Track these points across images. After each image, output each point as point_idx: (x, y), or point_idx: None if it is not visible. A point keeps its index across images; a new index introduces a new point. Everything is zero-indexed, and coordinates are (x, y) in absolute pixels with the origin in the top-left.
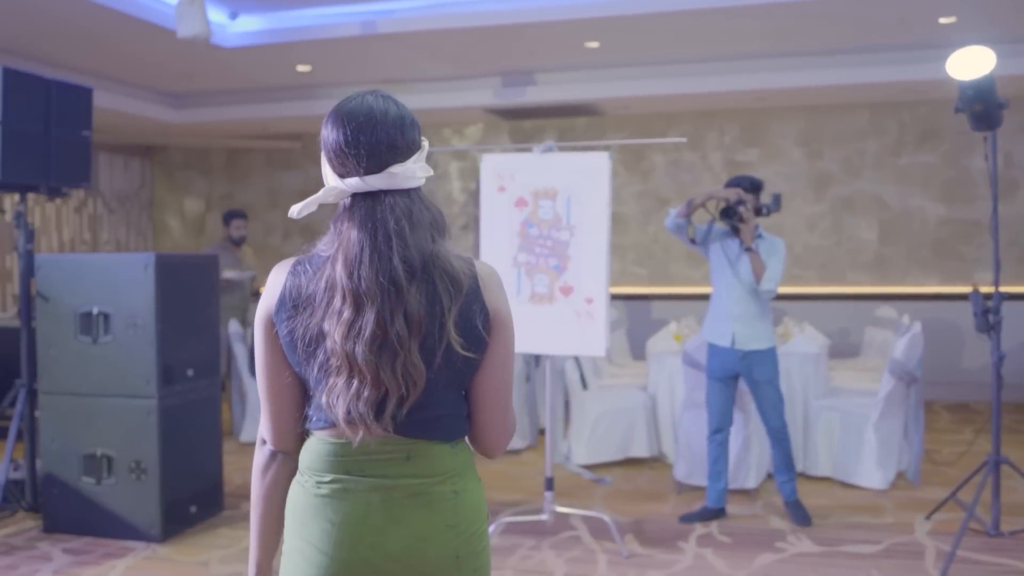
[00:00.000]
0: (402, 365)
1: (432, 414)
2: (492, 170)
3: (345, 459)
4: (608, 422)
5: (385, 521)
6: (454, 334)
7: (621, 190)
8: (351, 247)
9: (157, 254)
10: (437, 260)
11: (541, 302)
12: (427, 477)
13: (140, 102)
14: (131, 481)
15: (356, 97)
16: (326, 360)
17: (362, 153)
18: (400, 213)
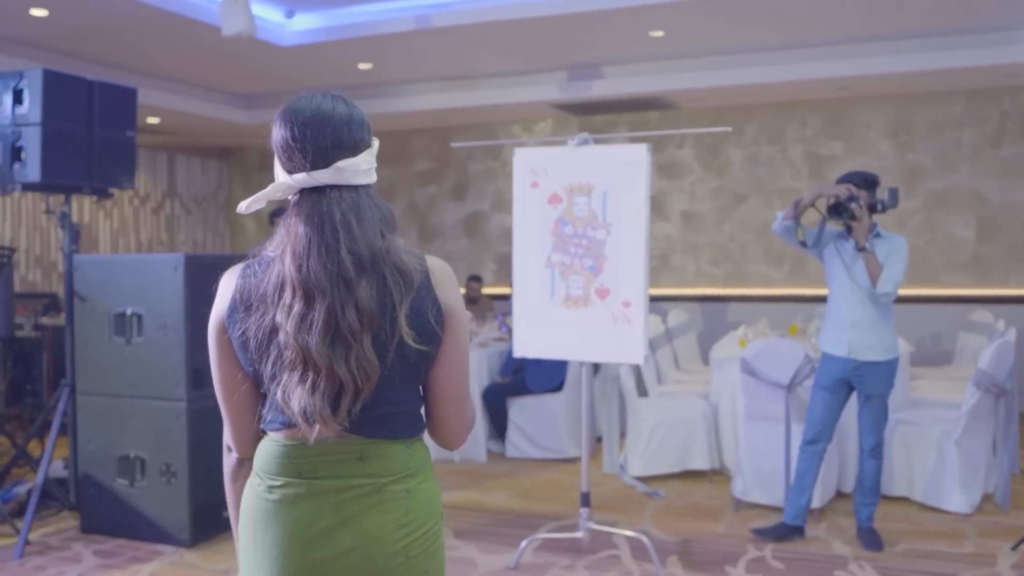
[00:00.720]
0: (355, 358)
1: (386, 411)
2: (524, 165)
3: (297, 460)
4: (665, 432)
5: (336, 522)
6: (406, 328)
7: (696, 187)
8: (299, 241)
9: (187, 255)
10: (387, 255)
11: (576, 305)
12: (380, 477)
13: (212, 104)
14: (162, 484)
15: (305, 97)
16: (279, 356)
17: (308, 148)
18: (347, 207)
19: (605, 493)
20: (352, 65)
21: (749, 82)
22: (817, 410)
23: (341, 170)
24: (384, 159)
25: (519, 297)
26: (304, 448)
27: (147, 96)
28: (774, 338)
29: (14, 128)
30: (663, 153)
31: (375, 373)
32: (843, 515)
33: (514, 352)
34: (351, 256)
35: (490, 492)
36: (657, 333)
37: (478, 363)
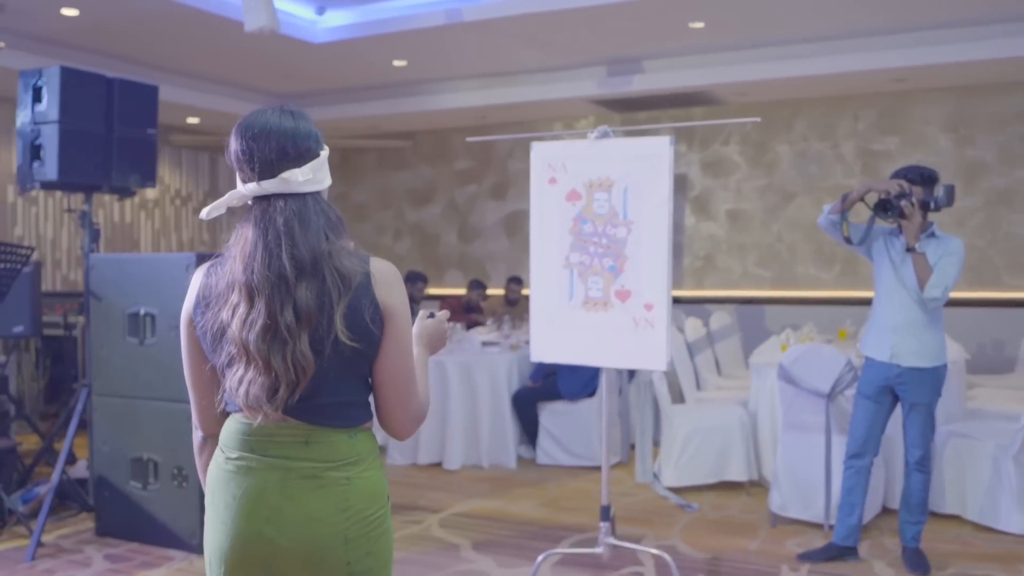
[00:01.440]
0: (291, 354)
1: (326, 401)
2: (542, 159)
3: (250, 438)
4: (700, 441)
5: (281, 499)
6: (341, 326)
7: (742, 184)
8: (246, 245)
9: (198, 253)
10: (328, 258)
11: (595, 308)
12: (323, 462)
13: (251, 104)
14: (173, 488)
15: (257, 112)
16: (228, 349)
17: (255, 160)
18: (290, 215)
19: (635, 504)
20: (387, 62)
21: (797, 74)
22: (860, 421)
23: (286, 180)
24: (423, 158)
25: (536, 299)
26: (257, 428)
27: (186, 96)
28: (814, 343)
29: (33, 127)
30: (708, 150)
31: (310, 368)
32: (888, 533)
33: (531, 357)
34: (292, 260)
35: (516, 501)
36: (698, 336)
37: (508, 367)
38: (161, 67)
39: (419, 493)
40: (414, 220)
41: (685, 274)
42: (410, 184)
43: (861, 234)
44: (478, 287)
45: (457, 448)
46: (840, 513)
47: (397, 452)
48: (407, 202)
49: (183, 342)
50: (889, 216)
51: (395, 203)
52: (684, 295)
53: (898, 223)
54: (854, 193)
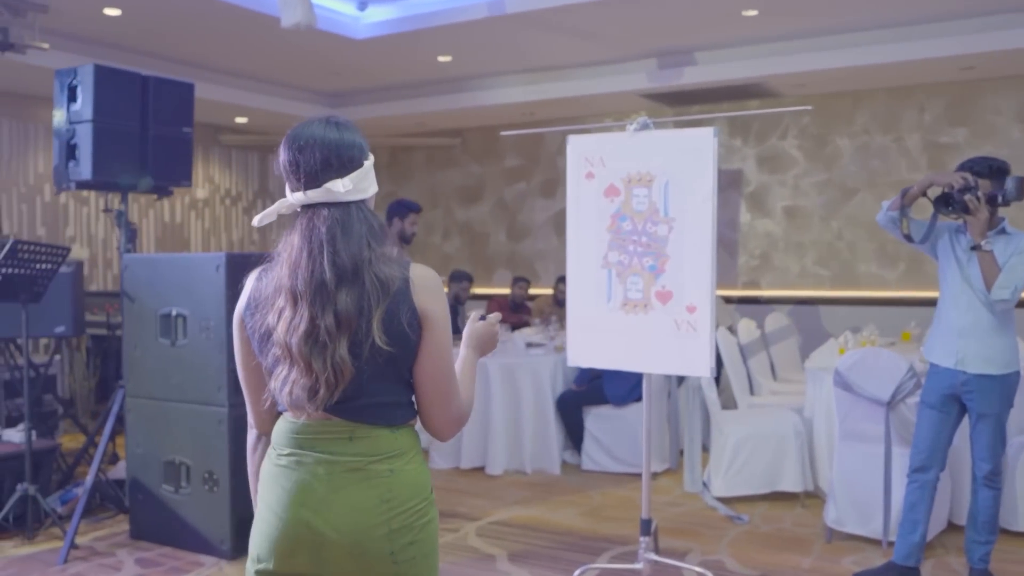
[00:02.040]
0: (331, 357)
1: (367, 402)
2: (578, 154)
3: (299, 436)
4: (751, 449)
5: (327, 491)
6: (378, 331)
7: (800, 180)
8: (292, 252)
9: (228, 253)
10: (369, 265)
11: (635, 310)
12: (366, 456)
13: (298, 103)
14: (204, 492)
15: (304, 123)
16: (274, 351)
17: (301, 171)
18: (333, 223)
19: (682, 514)
20: (431, 58)
21: (858, 64)
22: (924, 432)
23: (330, 190)
24: (471, 155)
25: (573, 301)
26: (304, 426)
27: (234, 96)
28: (873, 347)
29: (69, 126)
30: (764, 144)
31: (348, 370)
32: (954, 552)
33: (568, 361)
34: (333, 267)
35: (557, 509)
36: (752, 339)
37: (552, 369)
38: (206, 66)
39: (459, 499)
40: (463, 219)
41: (740, 273)
42: (459, 182)
43: (923, 231)
44: (521, 282)
45: (500, 453)
46: (902, 530)
47: (439, 456)
48: (456, 200)
49: (236, 343)
50: (951, 212)
51: (444, 202)
52: (739, 295)
53: (963, 219)
54: (915, 188)
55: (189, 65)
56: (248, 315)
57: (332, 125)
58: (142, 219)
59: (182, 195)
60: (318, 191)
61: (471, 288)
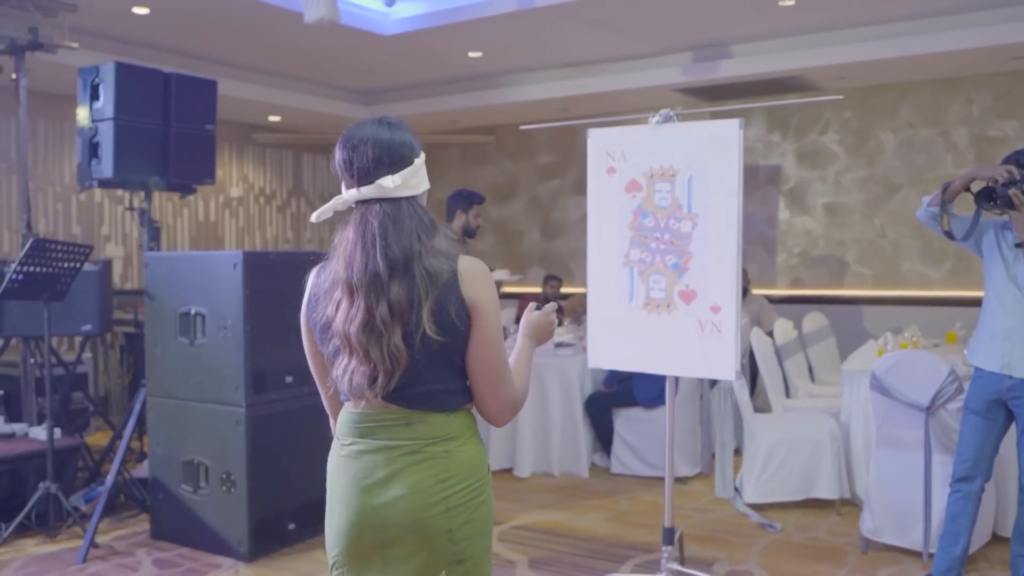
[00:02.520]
0: (387, 346)
1: (423, 390)
2: (599, 147)
3: (359, 425)
4: (785, 454)
5: (388, 475)
6: (428, 321)
7: (841, 176)
8: (348, 246)
9: (246, 252)
10: (419, 258)
11: (658, 310)
12: (423, 439)
13: (330, 100)
14: (222, 493)
15: (359, 124)
16: (335, 342)
17: (354, 168)
18: (385, 218)
19: (712, 521)
20: (462, 54)
21: (901, 54)
22: (969, 440)
23: (381, 186)
24: (505, 153)
25: (594, 300)
26: (364, 415)
27: (265, 94)
28: (911, 350)
29: (91, 124)
30: (803, 140)
31: (403, 358)
32: (998, 566)
33: (588, 363)
34: (386, 260)
35: (583, 514)
36: (788, 339)
37: (581, 370)
38: (237, 64)
39: None
40: (496, 216)
41: (779, 272)
42: (492, 180)
43: (966, 228)
44: (553, 281)
45: (527, 455)
46: (942, 542)
47: None
48: (489, 198)
49: (304, 339)
50: (995, 207)
51: None
52: (778, 294)
53: (1008, 215)
54: (957, 182)
55: (218, 63)
56: (310, 309)
57: (384, 125)
58: (176, 218)
59: (216, 194)
60: (370, 187)
61: (503, 285)
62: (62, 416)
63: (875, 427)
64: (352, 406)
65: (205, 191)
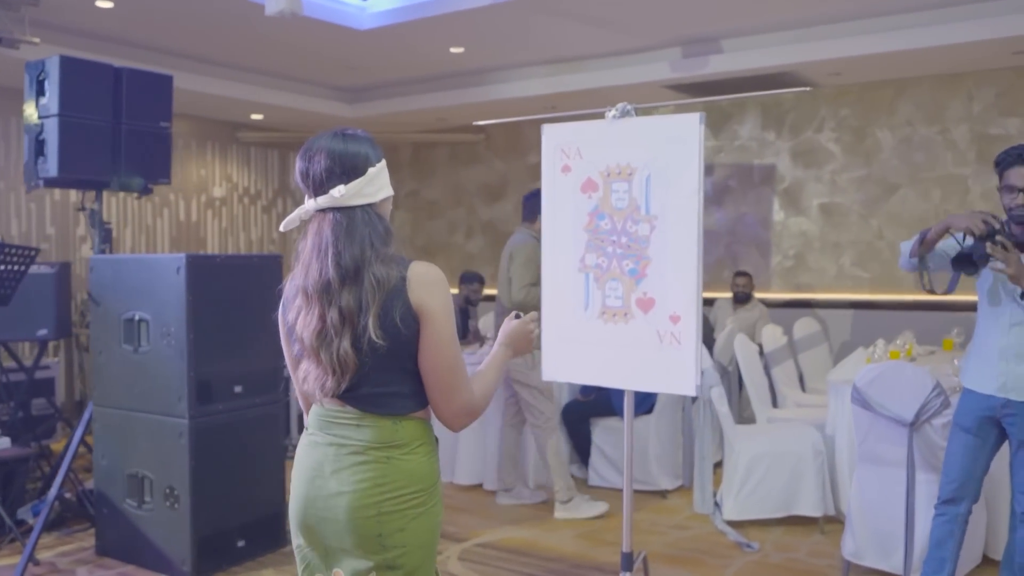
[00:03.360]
0: (336, 351)
1: (370, 392)
2: (554, 144)
3: (320, 419)
4: (766, 469)
5: (333, 470)
6: (373, 327)
7: (837, 176)
8: (304, 255)
9: (190, 255)
10: (369, 266)
11: (614, 319)
12: (369, 442)
13: (313, 98)
14: (166, 508)
15: (317, 136)
16: (297, 346)
17: (310, 179)
18: (337, 227)
19: (687, 539)
20: (443, 49)
21: (899, 48)
22: (957, 458)
23: (334, 197)
24: (495, 152)
25: (548, 309)
26: (326, 410)
27: (246, 92)
28: (896, 361)
29: (37, 121)
30: (799, 138)
31: (351, 362)
32: None
33: (543, 376)
34: (337, 268)
35: (553, 530)
36: (777, 346)
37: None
38: (213, 61)
39: (449, 517)
40: (487, 217)
41: (773, 275)
42: (482, 179)
43: (948, 286)
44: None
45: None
46: (926, 568)
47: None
48: (479, 198)
49: (282, 338)
50: (976, 271)
51: (467, 199)
52: (772, 297)
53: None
54: (932, 232)
55: (195, 60)
56: (282, 313)
57: (339, 136)
58: (156, 218)
59: (198, 193)
60: (324, 197)
61: (483, 289)
62: (18, 424)
63: (857, 443)
64: (319, 401)
65: (187, 191)
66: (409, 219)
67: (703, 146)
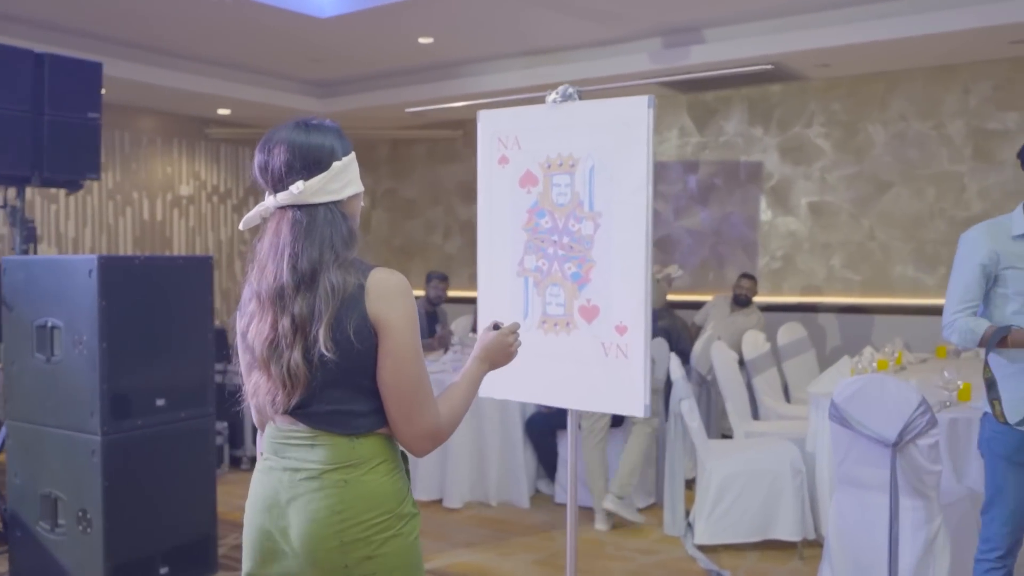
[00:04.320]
0: (286, 363)
1: (323, 409)
2: (490, 133)
3: (273, 441)
4: (740, 489)
5: (288, 500)
6: (324, 338)
7: (827, 173)
8: (260, 256)
9: (103, 256)
10: (326, 271)
11: (555, 329)
12: (324, 464)
13: (280, 92)
14: (78, 532)
15: (278, 127)
16: (248, 356)
17: (268, 174)
18: (296, 226)
19: (653, 567)
20: (412, 40)
21: (891, 37)
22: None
23: (294, 194)
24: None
25: (485, 316)
26: (277, 431)
27: (212, 86)
28: (875, 374)
29: None
30: (787, 133)
31: (302, 376)
32: None
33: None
34: (292, 272)
35: (510, 553)
36: (759, 353)
37: None
38: (175, 53)
39: None
40: (465, 217)
41: (760, 277)
42: (461, 178)
43: None
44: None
45: (460, 483)
46: None
47: None
48: (458, 197)
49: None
50: None
51: (445, 198)
52: (758, 301)
53: None
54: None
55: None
56: (237, 318)
57: (301, 127)
58: (119, 217)
59: (164, 191)
60: (284, 194)
61: (447, 288)
62: None
63: (835, 464)
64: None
65: (151, 189)
66: (386, 219)
67: (652, 133)
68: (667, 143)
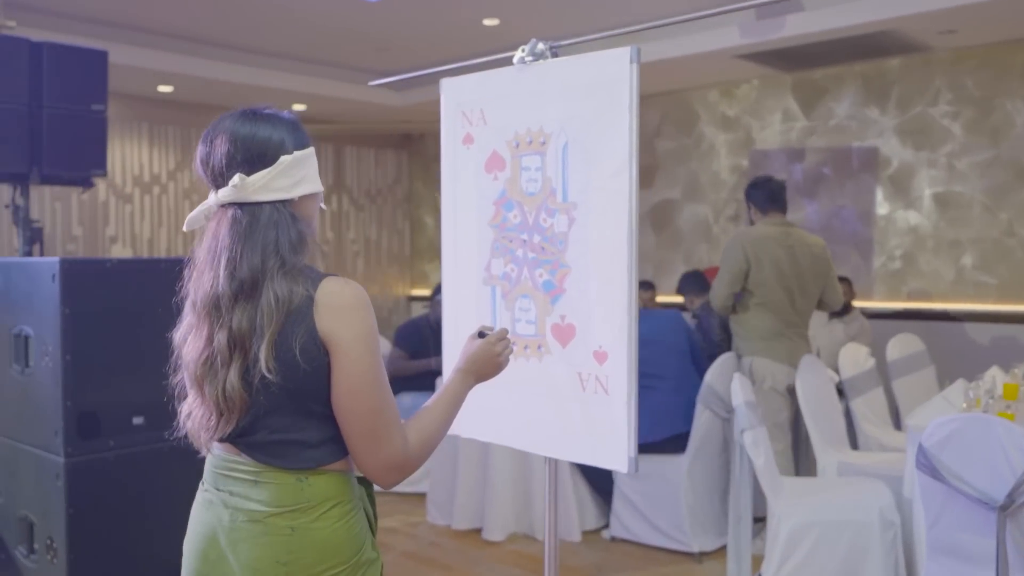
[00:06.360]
0: (222, 384)
1: (266, 439)
2: (453, 105)
3: (214, 470)
4: (815, 542)
5: (228, 543)
6: (267, 357)
7: (956, 159)
8: (197, 261)
9: (64, 259)
10: (269, 280)
11: (526, 353)
12: (268, 506)
13: (354, 86)
14: (47, 561)
15: (223, 116)
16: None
17: (208, 168)
18: (237, 227)
19: None
20: (476, 22)
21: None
22: None
23: (237, 188)
24: None
25: (450, 334)
26: (219, 458)
27: (285, 81)
28: (976, 414)
29: None
30: (908, 113)
31: (239, 399)
32: None
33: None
34: (231, 279)
35: None
36: (861, 370)
37: None
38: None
39: (424, 572)
40: None
41: (876, 279)
42: None
43: None
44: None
45: (502, 512)
46: None
47: (436, 509)
48: None
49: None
50: None
51: None
52: (874, 307)
53: None
54: None
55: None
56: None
57: (248, 115)
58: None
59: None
60: (226, 190)
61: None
62: None
63: (926, 526)
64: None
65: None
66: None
67: (637, 96)
68: (769, 128)
